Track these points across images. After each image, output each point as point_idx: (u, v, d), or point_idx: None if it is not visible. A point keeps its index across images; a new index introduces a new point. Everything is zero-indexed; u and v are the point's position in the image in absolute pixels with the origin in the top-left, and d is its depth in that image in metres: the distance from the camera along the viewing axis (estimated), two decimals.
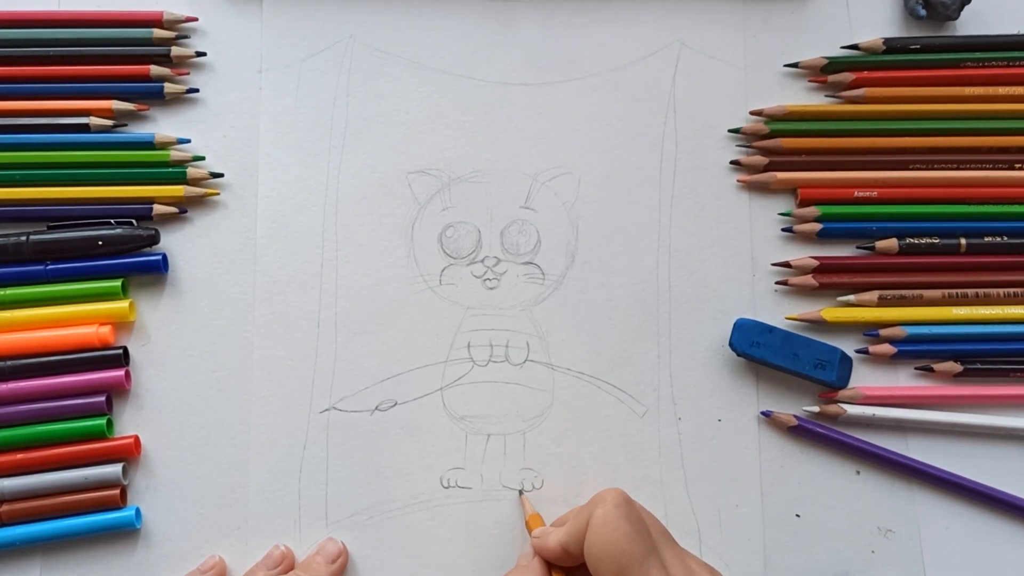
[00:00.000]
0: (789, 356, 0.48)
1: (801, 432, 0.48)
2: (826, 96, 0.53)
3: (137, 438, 0.47)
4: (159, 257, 0.49)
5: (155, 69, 0.51)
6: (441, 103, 0.52)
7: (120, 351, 0.48)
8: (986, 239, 0.50)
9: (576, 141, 0.52)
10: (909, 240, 0.50)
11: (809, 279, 0.50)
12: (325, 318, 0.49)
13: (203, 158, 0.51)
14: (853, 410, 0.48)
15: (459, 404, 0.48)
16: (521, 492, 0.47)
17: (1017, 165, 0.52)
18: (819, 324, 0.50)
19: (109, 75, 0.51)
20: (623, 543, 0.37)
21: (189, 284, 0.49)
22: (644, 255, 0.51)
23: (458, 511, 0.47)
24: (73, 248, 0.48)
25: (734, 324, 0.48)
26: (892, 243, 0.50)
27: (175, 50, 0.52)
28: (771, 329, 0.48)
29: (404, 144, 0.52)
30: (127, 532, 0.46)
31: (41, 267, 0.48)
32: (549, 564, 0.42)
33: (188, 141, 0.51)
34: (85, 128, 0.50)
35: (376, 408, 0.48)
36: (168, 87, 0.51)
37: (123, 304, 0.48)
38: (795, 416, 0.48)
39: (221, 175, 0.51)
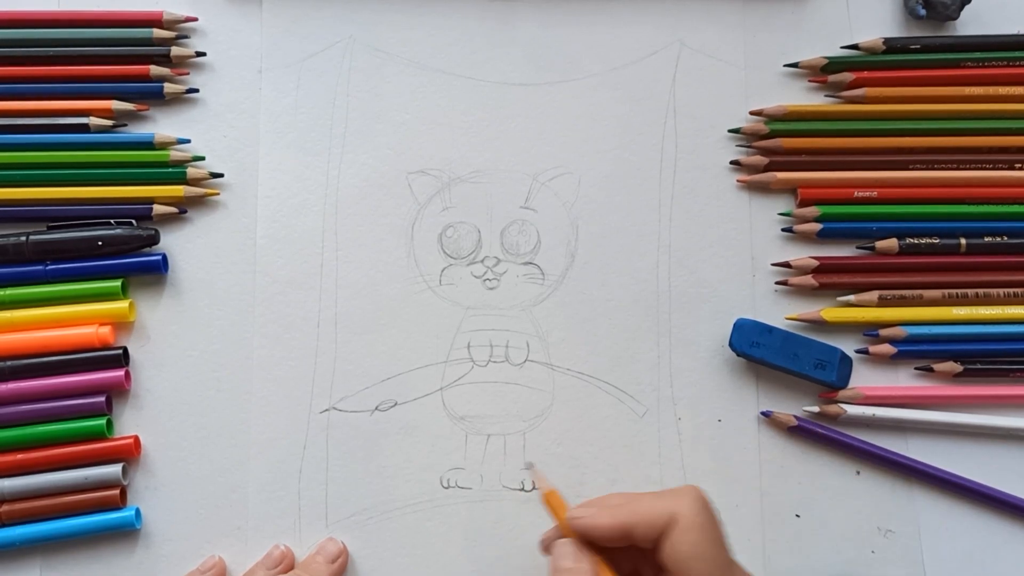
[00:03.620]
0: (789, 356, 0.48)
1: (801, 432, 0.48)
2: (826, 96, 0.53)
3: (137, 438, 0.47)
4: (159, 257, 0.49)
5: (155, 69, 0.51)
6: (441, 103, 0.52)
7: (120, 351, 0.48)
8: (986, 239, 0.50)
9: (576, 141, 0.52)
10: (909, 240, 0.50)
11: (809, 279, 0.50)
12: (325, 318, 0.49)
13: (203, 158, 0.51)
14: (853, 410, 0.48)
15: (459, 404, 0.48)
16: (532, 464, 0.47)
17: (1017, 165, 0.52)
18: (819, 324, 0.50)
19: (109, 75, 0.51)
20: (715, 551, 0.37)
21: (189, 284, 0.49)
22: (644, 255, 0.51)
23: (458, 511, 0.47)
24: (73, 248, 0.48)
25: (734, 324, 0.48)
26: (892, 243, 0.50)
27: (175, 50, 0.52)
28: (771, 329, 0.48)
29: (404, 144, 0.52)
30: (127, 532, 0.46)
31: (41, 267, 0.48)
32: (597, 559, 0.39)
33: (188, 141, 0.51)
34: (85, 128, 0.50)
35: (376, 408, 0.48)
36: (168, 87, 0.51)
37: (123, 304, 0.48)
38: (795, 416, 0.48)
39: (221, 175, 0.51)
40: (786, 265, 0.51)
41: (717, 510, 0.38)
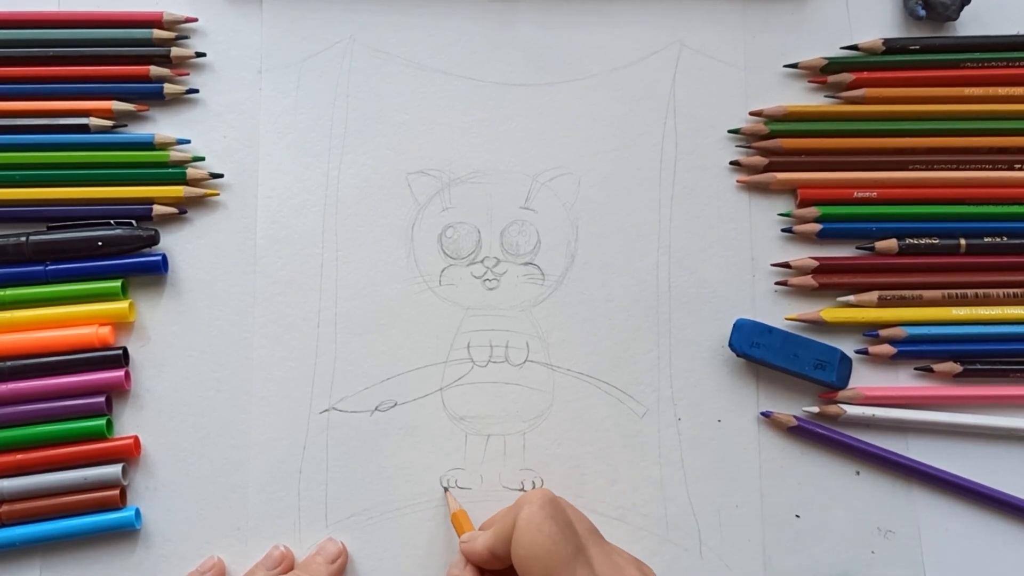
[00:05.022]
0: (789, 356, 0.48)
1: (801, 432, 0.48)
2: (826, 97, 0.53)
3: (137, 438, 0.47)
4: (159, 258, 0.49)
5: (155, 70, 0.51)
6: (441, 103, 0.52)
7: (120, 352, 0.48)
8: (986, 239, 0.50)
9: (576, 141, 0.52)
10: (909, 240, 0.50)
11: (809, 279, 0.50)
12: (325, 318, 0.49)
13: (203, 158, 0.51)
14: (853, 410, 0.48)
15: (459, 404, 0.48)
16: (447, 489, 0.47)
17: (1017, 165, 0.52)
18: (819, 324, 0.50)
19: (109, 75, 0.51)
20: (548, 544, 0.37)
21: (189, 284, 0.49)
22: (644, 255, 0.51)
23: None
24: (73, 249, 0.48)
25: (734, 324, 0.48)
26: (892, 243, 0.50)
27: (175, 50, 0.52)
28: (771, 329, 0.48)
29: (404, 145, 0.52)
30: (127, 533, 0.46)
31: (41, 268, 0.48)
32: (481, 570, 0.42)
33: (188, 142, 0.51)
34: (85, 128, 0.50)
35: (376, 408, 0.48)
36: (168, 87, 0.51)
37: (123, 304, 0.48)
38: (795, 416, 0.48)
39: (221, 176, 0.51)
40: (786, 265, 0.51)
41: (565, 507, 0.40)
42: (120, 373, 0.47)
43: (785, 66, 0.53)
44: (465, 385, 0.49)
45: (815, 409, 0.49)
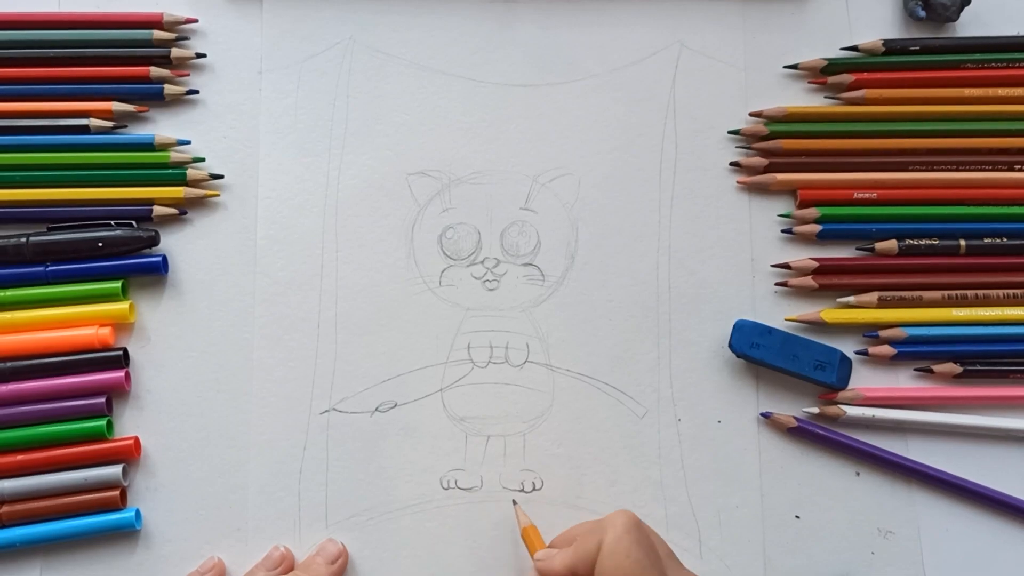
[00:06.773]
0: (789, 357, 0.48)
1: (801, 433, 0.48)
2: (826, 97, 0.53)
3: (137, 439, 0.47)
4: (159, 258, 0.49)
5: (155, 70, 0.51)
6: (441, 104, 0.52)
7: (120, 352, 0.48)
8: (986, 240, 0.50)
9: (576, 142, 0.52)
10: (909, 241, 0.50)
11: (809, 280, 0.50)
12: (325, 319, 0.49)
13: (203, 159, 0.51)
14: (853, 411, 0.48)
15: (459, 405, 0.48)
16: (515, 502, 0.47)
17: (1017, 166, 0.52)
18: (819, 325, 0.50)
19: (109, 76, 0.51)
20: (636, 571, 0.37)
21: (189, 285, 0.50)
22: (644, 256, 0.51)
23: (458, 512, 0.47)
24: (73, 249, 0.48)
25: (734, 325, 0.48)
26: (892, 244, 0.50)
27: (175, 51, 0.52)
28: (771, 330, 0.49)
29: (404, 145, 0.52)
30: (127, 533, 0.46)
31: (41, 268, 0.48)
32: None
33: (188, 142, 0.51)
34: (85, 129, 0.50)
35: (376, 409, 0.48)
36: (168, 88, 0.51)
37: (123, 305, 0.48)
38: (795, 417, 0.48)
39: (221, 176, 0.51)
40: (786, 266, 0.51)
41: (648, 532, 0.39)
42: (120, 374, 0.47)
43: (785, 67, 0.53)
44: (465, 386, 0.49)
45: (815, 410, 0.49)
